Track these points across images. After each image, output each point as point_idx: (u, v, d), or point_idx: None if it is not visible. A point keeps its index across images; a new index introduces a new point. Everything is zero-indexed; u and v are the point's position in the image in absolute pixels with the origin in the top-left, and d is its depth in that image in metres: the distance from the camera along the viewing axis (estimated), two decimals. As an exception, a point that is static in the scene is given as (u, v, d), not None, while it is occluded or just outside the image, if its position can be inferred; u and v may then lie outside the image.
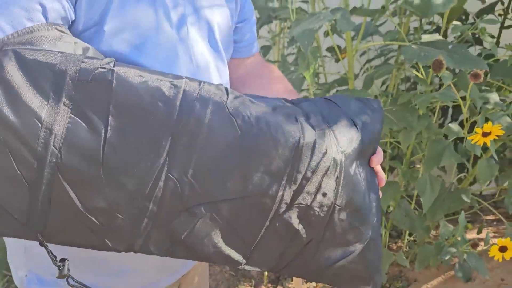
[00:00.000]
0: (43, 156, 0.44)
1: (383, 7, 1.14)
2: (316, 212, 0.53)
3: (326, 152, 0.52)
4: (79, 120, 0.45)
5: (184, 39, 0.65)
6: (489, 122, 0.92)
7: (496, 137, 0.93)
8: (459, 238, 1.13)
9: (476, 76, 0.86)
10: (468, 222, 2.18)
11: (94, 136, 0.45)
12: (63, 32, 0.53)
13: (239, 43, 0.83)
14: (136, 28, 0.60)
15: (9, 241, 0.74)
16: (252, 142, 0.50)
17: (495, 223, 1.99)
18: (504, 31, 1.77)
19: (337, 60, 1.65)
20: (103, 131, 0.45)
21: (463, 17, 1.76)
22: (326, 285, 1.70)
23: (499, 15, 1.76)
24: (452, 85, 0.96)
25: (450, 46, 1.06)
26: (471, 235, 1.91)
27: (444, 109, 1.82)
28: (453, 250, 1.14)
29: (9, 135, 0.43)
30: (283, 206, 0.52)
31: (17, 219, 0.46)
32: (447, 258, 1.15)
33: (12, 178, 0.44)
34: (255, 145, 0.50)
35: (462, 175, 1.42)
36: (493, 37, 1.79)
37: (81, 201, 0.46)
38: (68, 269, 0.51)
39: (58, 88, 0.45)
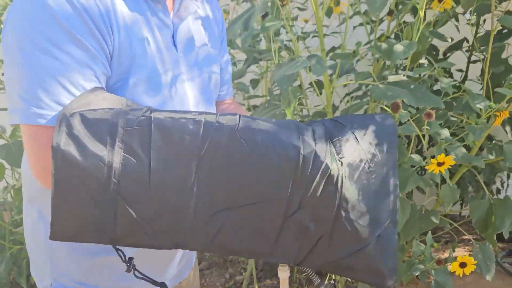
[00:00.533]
0: (107, 185, 0.60)
1: (354, 51, 1.30)
2: (322, 213, 0.65)
3: (324, 161, 0.64)
4: (130, 157, 0.61)
5: (187, 92, 0.85)
6: (442, 154, 1.07)
7: (450, 166, 1.07)
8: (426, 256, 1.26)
9: (428, 115, 1.01)
10: (447, 242, 2.31)
11: (142, 167, 0.61)
12: (105, 91, 0.70)
13: (220, 88, 1.02)
14: (151, 83, 0.78)
15: (34, 254, 0.87)
16: (259, 157, 0.63)
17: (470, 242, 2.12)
18: (471, 65, 1.94)
19: (319, 93, 1.80)
20: (147, 163, 0.61)
21: (434, 53, 1.93)
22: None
23: (466, 51, 1.94)
24: (411, 121, 1.11)
25: (412, 86, 1.21)
26: (447, 254, 2.04)
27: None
28: (422, 266, 1.27)
29: (82, 174, 0.59)
30: (293, 208, 0.65)
31: (94, 230, 0.63)
32: (416, 274, 1.28)
33: (88, 202, 0.61)
34: (262, 159, 0.64)
35: (433, 198, 1.55)
36: (461, 71, 1.97)
37: (136, 213, 0.62)
38: (134, 265, 0.69)
39: (113, 135, 0.61)
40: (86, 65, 0.68)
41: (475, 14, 1.48)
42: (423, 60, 1.55)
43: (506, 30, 1.70)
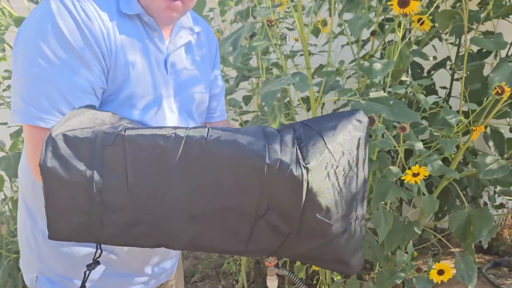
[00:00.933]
0: (91, 196, 0.68)
1: (337, 69, 1.38)
2: (290, 213, 0.71)
3: (289, 168, 0.68)
4: (109, 172, 0.68)
5: (171, 109, 0.94)
6: (417, 165, 1.13)
7: (424, 177, 1.13)
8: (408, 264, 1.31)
9: (403, 128, 1.08)
10: (435, 254, 2.35)
11: (120, 180, 0.69)
12: (93, 109, 0.78)
13: (213, 111, 1.10)
14: (140, 99, 0.87)
15: (23, 248, 0.96)
16: (227, 167, 0.69)
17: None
18: (454, 82, 2.01)
19: (308, 109, 1.88)
20: (124, 176, 0.69)
21: (419, 70, 2.01)
22: None
23: (450, 69, 2.02)
24: (389, 135, 1.18)
25: (391, 102, 1.29)
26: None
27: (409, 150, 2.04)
28: (403, 275, 1.32)
29: (68, 188, 0.67)
30: (262, 210, 0.71)
31: (85, 233, 0.71)
32: (398, 281, 1.33)
33: (76, 211, 0.69)
34: (230, 169, 0.69)
35: (415, 209, 1.61)
36: (445, 88, 2.05)
37: (118, 220, 0.70)
38: (95, 265, 0.78)
39: (92, 153, 0.68)
40: (85, 78, 0.77)
41: (453, 35, 1.56)
42: (405, 78, 1.63)
43: (485, 49, 1.78)
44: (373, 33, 1.59)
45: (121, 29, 0.83)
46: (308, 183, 0.69)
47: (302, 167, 0.69)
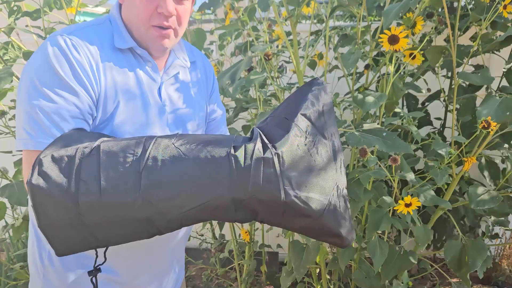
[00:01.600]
0: (70, 209, 0.72)
1: (332, 101, 1.42)
2: (269, 197, 0.71)
3: (254, 151, 0.70)
4: (84, 180, 0.72)
5: (164, 133, 0.97)
6: (409, 195, 1.16)
7: (417, 207, 1.16)
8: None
9: (394, 160, 1.11)
10: (434, 285, 2.34)
11: (95, 186, 0.72)
12: (81, 131, 0.85)
13: None
14: (133, 126, 0.92)
15: (32, 271, 1.01)
16: (196, 164, 0.72)
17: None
18: (448, 114, 2.06)
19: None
20: (98, 183, 0.72)
21: (413, 102, 2.06)
22: None
23: (444, 100, 2.07)
24: (381, 166, 1.21)
25: (384, 134, 1.33)
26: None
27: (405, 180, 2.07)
28: (398, 304, 1.33)
29: (53, 203, 0.72)
30: (240, 199, 0.72)
31: (81, 243, 0.75)
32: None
33: (64, 225, 0.73)
34: (198, 166, 0.72)
35: (410, 239, 1.62)
36: (439, 119, 2.10)
37: (99, 219, 0.73)
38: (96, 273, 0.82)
39: (71, 167, 0.73)
40: (74, 105, 0.85)
41: (444, 68, 1.62)
42: (398, 109, 1.68)
43: (477, 82, 1.83)
44: (367, 67, 1.64)
45: (111, 61, 0.91)
46: (280, 160, 0.70)
47: (271, 147, 0.71)
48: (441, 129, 2.09)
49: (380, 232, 1.73)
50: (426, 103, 2.04)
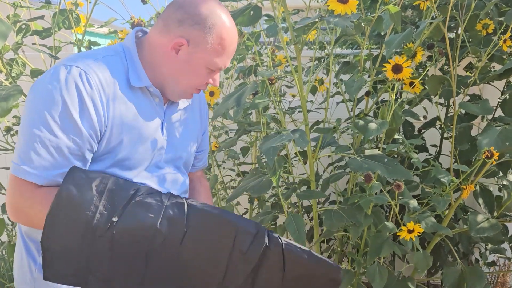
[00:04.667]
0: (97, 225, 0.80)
1: (334, 127, 1.45)
2: None
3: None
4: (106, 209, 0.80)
5: (161, 166, 1.03)
6: (411, 222, 1.18)
7: (418, 234, 1.18)
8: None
9: (398, 186, 1.13)
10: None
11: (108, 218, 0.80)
12: (81, 172, 0.86)
13: (197, 161, 1.25)
14: (135, 160, 0.96)
15: (19, 285, 1.00)
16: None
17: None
18: (444, 141, 2.10)
19: (305, 162, 1.94)
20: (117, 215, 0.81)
21: (410, 129, 2.10)
22: None
23: (440, 128, 2.11)
24: (384, 191, 1.23)
25: (385, 160, 1.35)
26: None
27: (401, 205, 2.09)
28: (397, 330, 1.33)
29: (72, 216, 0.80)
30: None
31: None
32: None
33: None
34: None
35: (408, 265, 1.64)
36: (435, 146, 2.14)
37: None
38: None
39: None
40: (76, 143, 0.85)
41: (442, 97, 1.66)
42: (397, 136, 1.71)
43: (473, 111, 1.88)
44: (367, 94, 1.68)
45: (122, 98, 0.91)
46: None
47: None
48: (436, 155, 2.13)
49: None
50: (423, 130, 2.08)
